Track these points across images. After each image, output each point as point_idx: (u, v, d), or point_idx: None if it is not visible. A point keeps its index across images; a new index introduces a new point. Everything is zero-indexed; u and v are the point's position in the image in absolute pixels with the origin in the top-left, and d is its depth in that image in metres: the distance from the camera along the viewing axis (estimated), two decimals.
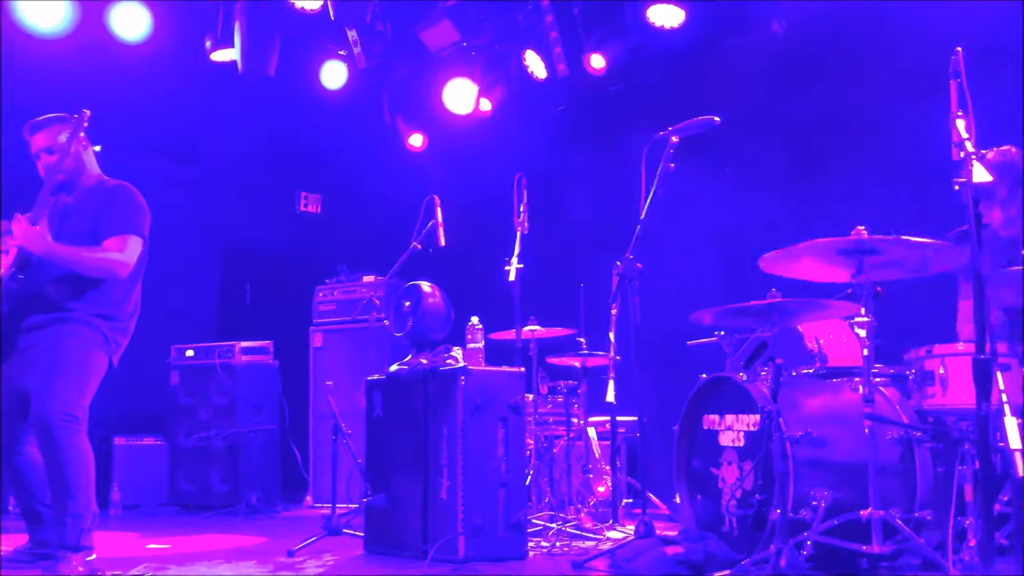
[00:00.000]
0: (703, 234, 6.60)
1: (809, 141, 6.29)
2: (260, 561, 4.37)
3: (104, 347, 3.94)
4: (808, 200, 6.09)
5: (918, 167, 5.45)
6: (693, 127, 4.32)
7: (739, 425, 4.05)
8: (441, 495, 4.30)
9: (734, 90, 6.49)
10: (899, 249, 3.53)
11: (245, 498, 6.70)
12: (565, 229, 7.33)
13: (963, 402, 3.49)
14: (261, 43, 6.91)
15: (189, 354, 7.11)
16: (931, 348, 3.68)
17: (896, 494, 3.73)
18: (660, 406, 5.60)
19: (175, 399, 7.09)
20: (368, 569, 4.23)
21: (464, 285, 6.84)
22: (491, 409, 4.33)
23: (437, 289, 4.89)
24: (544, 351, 5.90)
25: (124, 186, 4.07)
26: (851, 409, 3.77)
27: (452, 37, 7.42)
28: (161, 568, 4.15)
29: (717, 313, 4.18)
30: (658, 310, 5.37)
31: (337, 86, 7.85)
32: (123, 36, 6.84)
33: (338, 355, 7.07)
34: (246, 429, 6.84)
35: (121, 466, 6.94)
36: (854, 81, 6.03)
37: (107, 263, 3.86)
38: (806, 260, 3.71)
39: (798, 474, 3.68)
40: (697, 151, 4.68)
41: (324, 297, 7.32)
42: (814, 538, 3.50)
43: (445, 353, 4.60)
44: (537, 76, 7.35)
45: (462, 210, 6.38)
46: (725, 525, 4.00)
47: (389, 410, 4.73)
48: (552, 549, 4.56)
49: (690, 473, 4.29)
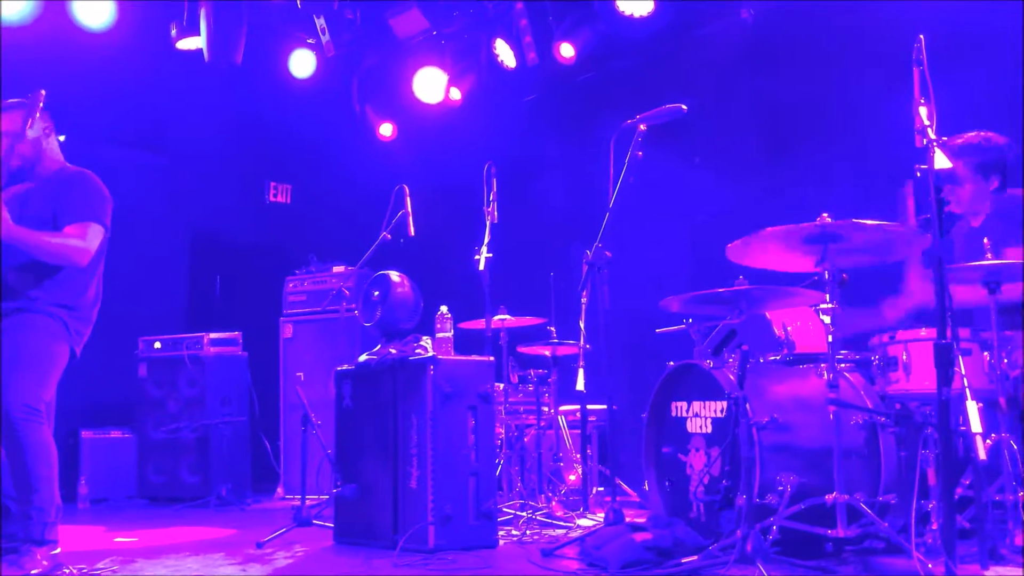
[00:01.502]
0: (672, 222, 6.62)
1: (778, 128, 6.32)
2: (229, 553, 4.35)
3: (66, 337, 3.88)
4: (777, 187, 6.12)
5: (886, 153, 5.49)
6: (661, 115, 4.33)
7: (706, 412, 4.07)
8: (411, 484, 4.29)
9: (703, 78, 6.51)
10: (862, 235, 3.55)
11: (215, 490, 6.66)
12: (535, 218, 7.33)
13: (926, 387, 3.52)
14: (228, 31, 6.83)
15: (157, 346, 7.05)
16: (894, 334, 3.72)
17: (861, 478, 3.77)
18: (630, 394, 5.63)
19: (143, 391, 7.03)
20: (337, 559, 4.22)
21: (434, 274, 6.83)
22: (461, 398, 4.33)
23: (406, 279, 4.88)
24: (514, 340, 5.91)
25: (85, 173, 4.00)
26: (816, 395, 3.80)
27: (422, 25, 7.38)
28: (128, 561, 4.11)
29: (685, 300, 4.20)
30: (628, 298, 5.38)
31: (306, 75, 7.79)
32: (87, 24, 6.74)
33: (308, 346, 7.04)
34: (215, 421, 6.79)
35: (89, 459, 6.87)
36: (822, 68, 6.06)
37: (67, 250, 3.80)
38: (772, 248, 3.72)
39: (764, 459, 3.71)
40: (666, 139, 4.69)
41: (294, 288, 7.28)
42: (780, 523, 3.53)
43: (414, 343, 4.60)
44: (507, 65, 7.33)
45: (432, 199, 6.35)
46: (693, 511, 4.02)
47: (359, 400, 4.71)
48: (522, 537, 4.57)
49: (659, 460, 4.32)
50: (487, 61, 7.41)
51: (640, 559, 3.58)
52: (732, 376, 3.81)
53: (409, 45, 7.62)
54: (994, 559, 3.34)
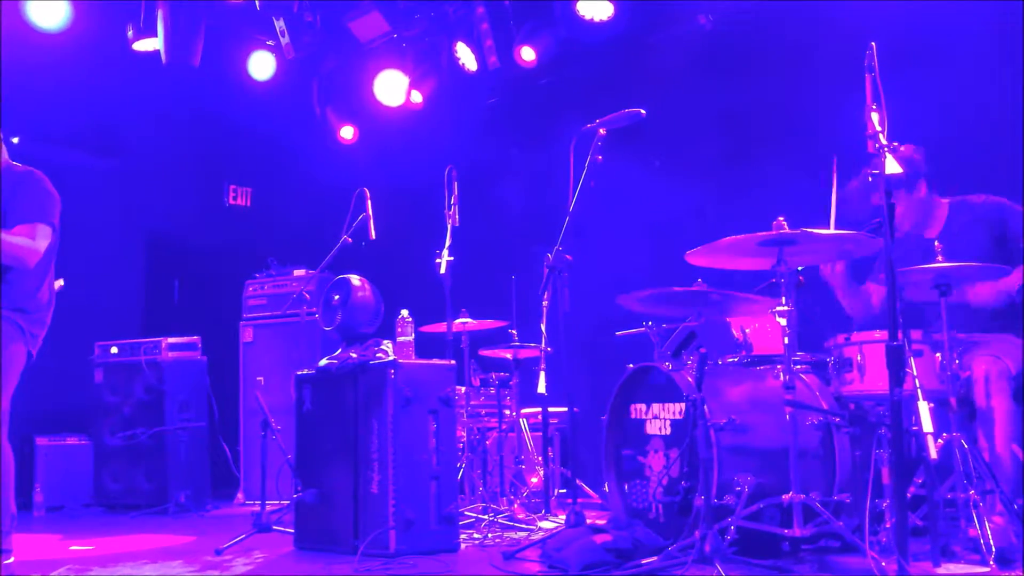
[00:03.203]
0: (632, 225, 6.66)
1: (735, 132, 6.39)
2: (187, 560, 4.30)
3: (21, 339, 3.83)
4: (735, 190, 6.19)
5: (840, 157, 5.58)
6: (620, 119, 4.36)
7: (665, 414, 4.11)
8: (372, 489, 4.28)
9: (662, 83, 6.57)
10: (815, 240, 3.61)
11: (174, 497, 6.58)
12: (496, 221, 7.34)
13: (880, 388, 3.58)
14: (185, 32, 6.76)
15: (114, 351, 6.94)
16: (849, 335, 3.78)
17: (816, 478, 3.82)
18: (590, 396, 5.66)
19: (99, 397, 6.91)
20: (298, 565, 4.19)
21: (395, 278, 6.80)
22: (422, 402, 4.32)
23: (367, 282, 4.87)
24: (476, 343, 5.91)
25: (33, 172, 3.95)
26: (773, 396, 3.85)
27: (382, 28, 7.37)
28: (84, 570, 4.06)
29: (643, 298, 4.22)
30: (588, 301, 5.40)
31: (265, 77, 7.73)
32: (41, 25, 6.63)
33: (268, 350, 6.99)
34: (174, 426, 6.70)
35: (44, 466, 6.75)
36: (779, 74, 6.14)
37: (15, 249, 3.75)
38: (730, 252, 3.77)
39: (722, 460, 3.75)
40: (625, 143, 4.72)
41: (254, 291, 7.22)
42: (737, 523, 3.58)
43: (375, 347, 4.58)
44: (468, 68, 7.34)
45: (393, 202, 6.34)
46: (652, 512, 4.06)
47: (319, 405, 4.69)
48: (484, 541, 4.58)
49: (619, 462, 4.34)
50: (448, 64, 7.42)
51: (600, 561, 3.60)
52: (690, 378, 3.85)
53: (370, 48, 7.60)
54: (946, 556, 3.41)
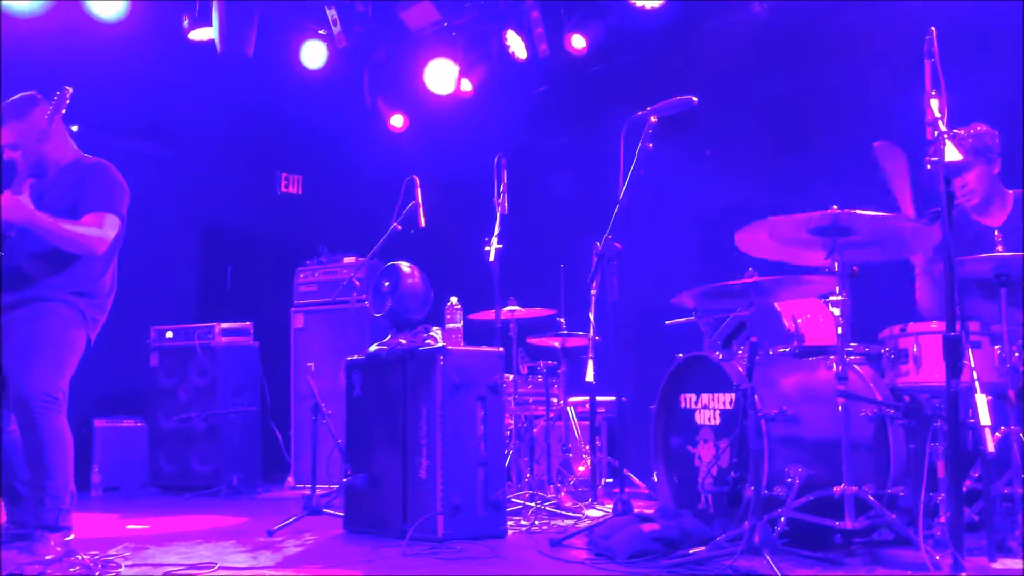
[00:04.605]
0: (682, 214, 6.62)
1: (789, 121, 6.30)
2: (240, 541, 4.38)
3: (82, 324, 3.92)
4: (787, 180, 6.11)
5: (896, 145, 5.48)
6: (671, 107, 4.33)
7: (715, 404, 4.08)
8: (420, 474, 4.32)
9: (714, 71, 6.50)
10: (871, 228, 3.55)
11: (226, 479, 6.70)
12: (545, 209, 7.34)
13: (936, 380, 3.52)
14: (239, 22, 6.85)
15: (169, 335, 7.08)
16: (905, 326, 3.72)
17: (869, 471, 3.77)
18: (639, 385, 5.64)
19: (155, 381, 7.06)
20: (347, 548, 4.25)
21: (444, 265, 6.84)
22: (470, 389, 4.35)
23: (416, 269, 4.90)
24: (524, 331, 5.92)
25: (102, 164, 4.04)
26: (826, 387, 3.81)
27: (433, 17, 7.38)
28: (140, 549, 4.15)
29: (696, 294, 4.21)
30: (637, 290, 5.40)
31: (317, 66, 7.79)
32: (100, 15, 6.76)
33: (319, 336, 7.07)
34: (226, 410, 6.83)
35: (101, 448, 6.92)
36: (833, 61, 6.04)
37: (85, 238, 3.84)
38: (781, 239, 3.73)
39: (773, 451, 3.72)
40: (676, 131, 4.70)
41: (305, 278, 7.31)
42: (788, 514, 3.54)
43: (424, 333, 4.61)
44: (518, 56, 7.33)
45: (442, 190, 6.37)
46: (701, 502, 4.04)
47: (369, 390, 4.74)
48: (531, 528, 4.59)
49: (667, 452, 4.33)
50: (498, 53, 7.41)
51: (648, 549, 3.60)
52: (741, 368, 3.82)
53: (420, 37, 7.63)
54: (1002, 552, 3.34)
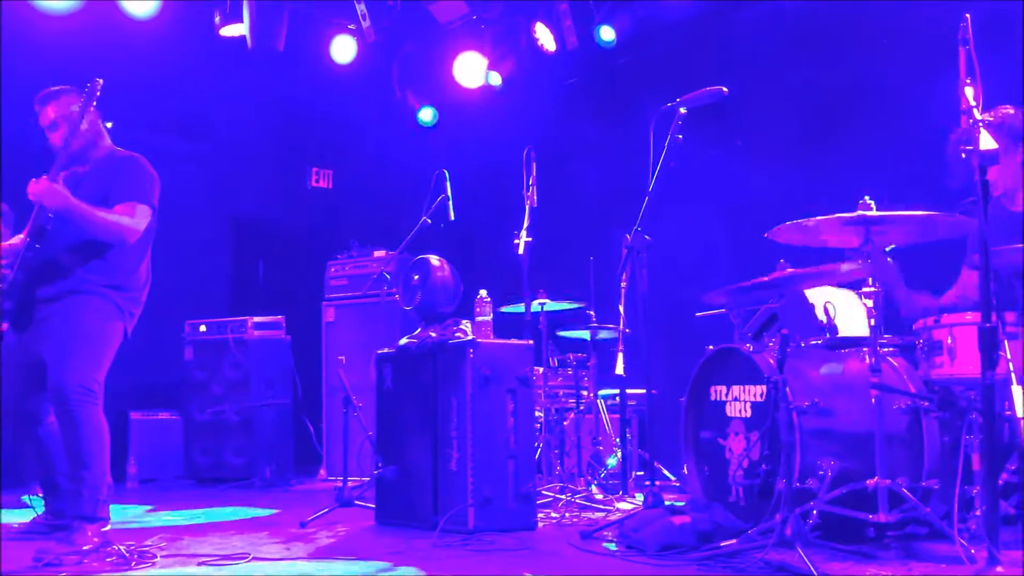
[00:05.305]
0: (712, 205, 6.58)
1: (820, 111, 6.24)
2: (273, 532, 4.43)
3: (119, 317, 3.97)
4: (819, 170, 6.05)
5: (929, 134, 5.41)
6: (701, 98, 4.31)
7: (746, 396, 4.05)
8: (451, 466, 4.33)
9: (744, 61, 6.45)
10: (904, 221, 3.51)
11: (259, 471, 6.77)
12: (574, 202, 7.32)
13: (971, 371, 3.46)
14: (270, 18, 6.90)
15: (202, 329, 7.16)
16: (939, 318, 3.66)
17: (903, 463, 3.73)
18: (669, 378, 5.61)
19: (189, 374, 7.15)
20: (379, 539, 4.27)
21: (473, 258, 6.86)
22: (500, 381, 4.35)
23: (446, 263, 4.91)
24: (554, 324, 5.92)
25: (135, 156, 4.11)
26: (858, 379, 3.77)
27: (461, 10, 7.39)
28: (175, 539, 4.21)
29: (728, 291, 4.17)
30: (667, 282, 5.37)
31: (347, 60, 7.83)
32: (133, 12, 6.84)
33: (349, 329, 7.12)
34: (259, 403, 6.89)
35: (137, 440, 7.02)
36: (865, 49, 5.97)
37: (117, 227, 3.89)
38: (813, 230, 3.69)
39: (804, 444, 3.69)
40: (706, 122, 4.66)
41: (336, 272, 7.36)
42: (820, 507, 3.51)
43: (454, 326, 4.62)
44: (547, 49, 7.32)
45: (472, 184, 6.38)
46: (732, 495, 4.01)
47: (399, 383, 4.76)
48: (561, 520, 4.60)
49: (698, 444, 4.31)
50: (527, 45, 7.41)
51: (679, 542, 3.58)
52: (772, 360, 3.79)
53: (449, 30, 7.63)
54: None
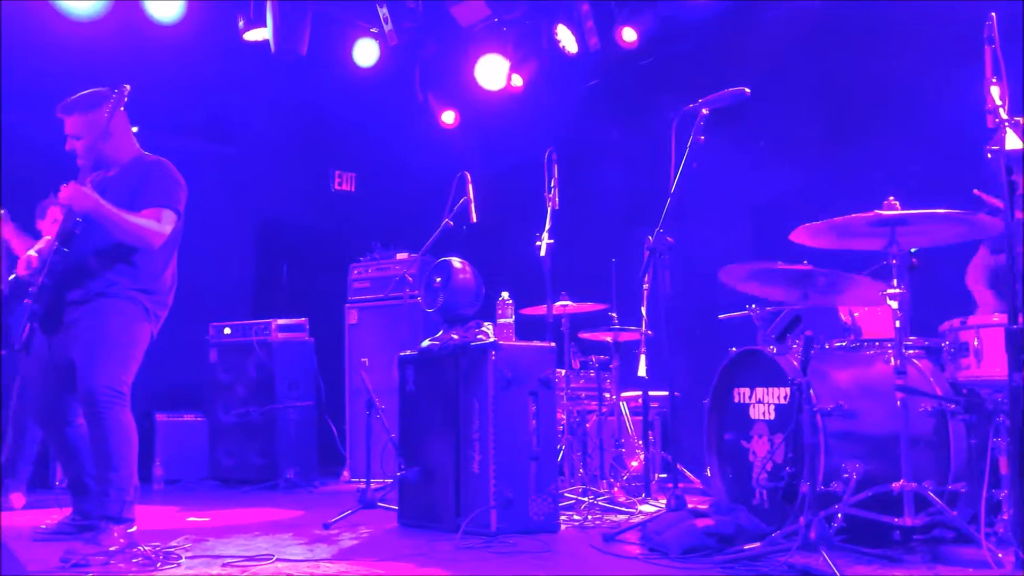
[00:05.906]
0: (735, 207, 6.55)
1: (843, 111, 6.21)
2: (297, 533, 4.45)
3: (146, 320, 4.01)
4: (842, 170, 6.02)
5: (953, 134, 5.36)
6: (723, 99, 4.28)
7: (769, 398, 4.03)
8: (473, 468, 4.34)
9: (766, 61, 6.42)
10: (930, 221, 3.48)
11: (283, 473, 6.81)
12: (596, 204, 7.31)
13: (998, 374, 3.43)
14: (293, 22, 6.96)
15: (227, 332, 7.21)
16: (966, 319, 3.63)
17: (929, 466, 3.70)
18: (692, 380, 5.59)
19: (214, 376, 7.20)
20: (401, 541, 4.28)
21: (495, 260, 6.86)
22: (522, 383, 4.35)
23: (468, 265, 4.92)
24: (576, 326, 5.91)
25: (161, 161, 4.14)
26: (883, 381, 3.74)
27: (483, 13, 7.42)
28: (200, 540, 4.24)
29: (747, 272, 4.10)
30: (689, 284, 5.36)
31: (369, 64, 7.87)
32: (157, 17, 6.91)
33: (372, 331, 7.14)
34: (283, 405, 6.93)
35: (163, 441, 7.07)
36: (888, 49, 5.93)
37: (143, 230, 3.93)
38: (838, 232, 3.67)
39: (829, 446, 3.67)
40: (729, 123, 4.64)
41: (358, 274, 7.39)
42: (845, 510, 3.49)
43: (476, 328, 4.63)
44: (568, 51, 7.32)
45: (494, 186, 6.38)
46: (756, 498, 3.99)
47: (421, 385, 4.77)
48: (584, 522, 4.59)
49: (721, 446, 4.29)
50: (548, 47, 7.42)
51: (702, 545, 3.57)
52: (796, 362, 3.76)
53: (471, 33, 7.66)
54: None
